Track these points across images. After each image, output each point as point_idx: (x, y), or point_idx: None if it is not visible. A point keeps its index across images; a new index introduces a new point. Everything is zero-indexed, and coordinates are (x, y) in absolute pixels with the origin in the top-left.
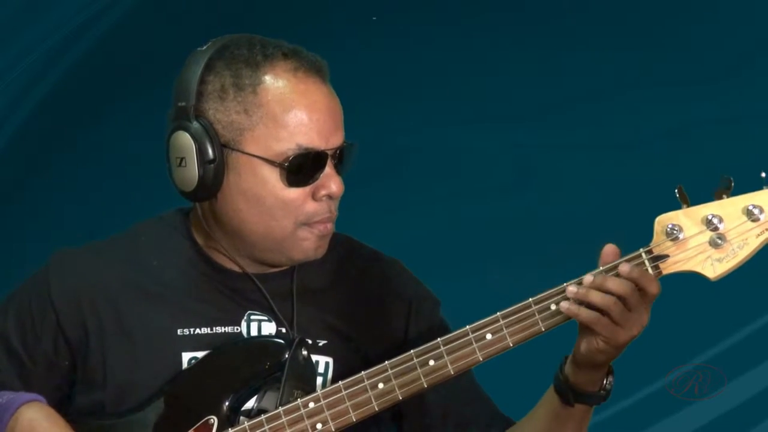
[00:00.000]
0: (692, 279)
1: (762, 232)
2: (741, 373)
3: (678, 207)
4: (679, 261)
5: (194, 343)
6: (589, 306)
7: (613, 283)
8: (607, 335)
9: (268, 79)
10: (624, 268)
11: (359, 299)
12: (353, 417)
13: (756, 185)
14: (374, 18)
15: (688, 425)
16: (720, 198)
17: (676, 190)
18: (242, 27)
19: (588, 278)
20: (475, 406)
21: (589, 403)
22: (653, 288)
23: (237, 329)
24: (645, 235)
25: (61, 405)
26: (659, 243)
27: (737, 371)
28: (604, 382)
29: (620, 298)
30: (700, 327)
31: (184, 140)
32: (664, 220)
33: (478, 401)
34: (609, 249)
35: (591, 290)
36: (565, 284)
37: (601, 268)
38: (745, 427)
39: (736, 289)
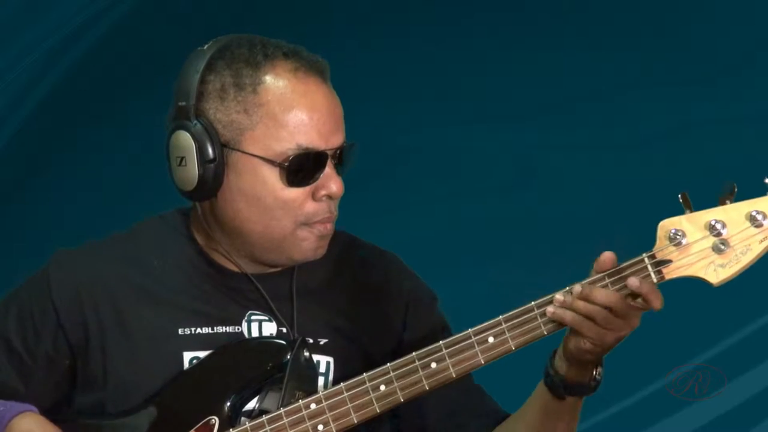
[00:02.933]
0: (692, 279)
1: (765, 238)
2: (741, 373)
3: (680, 212)
4: (681, 266)
5: (195, 342)
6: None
7: (600, 294)
8: (593, 337)
9: (268, 78)
10: (634, 282)
11: (358, 296)
12: (354, 419)
13: (759, 190)
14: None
15: (688, 425)
16: (723, 203)
17: (679, 196)
18: (242, 27)
19: (577, 288)
20: (474, 403)
21: (580, 395)
22: (657, 304)
23: (238, 329)
24: (645, 235)
25: (61, 405)
26: (662, 248)
27: (737, 371)
28: (594, 373)
29: (606, 308)
30: (700, 327)
31: (185, 140)
32: (667, 225)
33: (478, 399)
34: (606, 257)
35: (576, 300)
36: (559, 291)
37: (600, 275)
38: (745, 427)
39: (736, 289)
